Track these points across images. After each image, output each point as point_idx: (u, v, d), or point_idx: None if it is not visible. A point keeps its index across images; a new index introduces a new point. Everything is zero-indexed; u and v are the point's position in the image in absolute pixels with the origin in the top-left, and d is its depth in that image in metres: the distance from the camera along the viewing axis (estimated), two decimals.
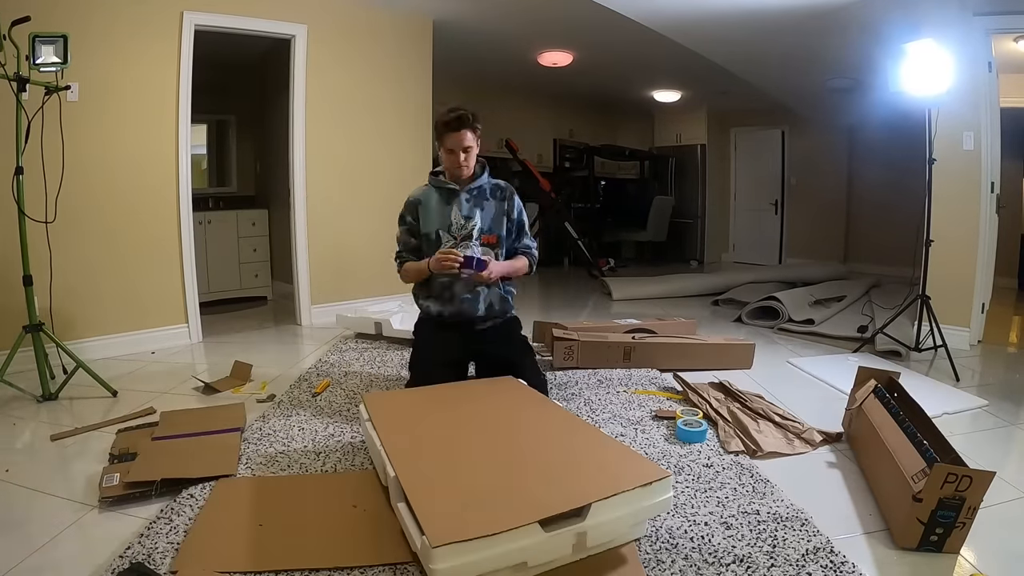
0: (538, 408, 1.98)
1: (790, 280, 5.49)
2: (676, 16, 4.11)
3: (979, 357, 3.40)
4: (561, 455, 1.64)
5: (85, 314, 3.23)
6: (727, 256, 8.42)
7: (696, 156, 8.23)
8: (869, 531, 1.62)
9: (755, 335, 3.86)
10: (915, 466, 1.58)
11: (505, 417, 1.89)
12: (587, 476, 1.50)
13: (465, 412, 1.93)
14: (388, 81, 4.44)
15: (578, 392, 2.69)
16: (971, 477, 1.43)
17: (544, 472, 1.54)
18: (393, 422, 1.85)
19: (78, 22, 3.06)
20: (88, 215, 3.24)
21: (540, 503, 1.35)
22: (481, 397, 2.08)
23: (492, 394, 2.09)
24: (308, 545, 1.50)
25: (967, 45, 3.33)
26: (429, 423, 1.86)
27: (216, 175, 5.45)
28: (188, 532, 1.55)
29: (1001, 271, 4.20)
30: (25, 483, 1.85)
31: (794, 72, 5.43)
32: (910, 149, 4.36)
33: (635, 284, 5.59)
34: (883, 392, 2.09)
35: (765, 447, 2.09)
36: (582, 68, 5.98)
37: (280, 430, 2.25)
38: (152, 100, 3.43)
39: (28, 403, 2.59)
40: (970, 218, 3.45)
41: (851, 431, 2.20)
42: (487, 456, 1.63)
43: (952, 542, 1.49)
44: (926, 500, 1.46)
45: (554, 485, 1.45)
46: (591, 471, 1.53)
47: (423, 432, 1.78)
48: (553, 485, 1.45)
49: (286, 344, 3.74)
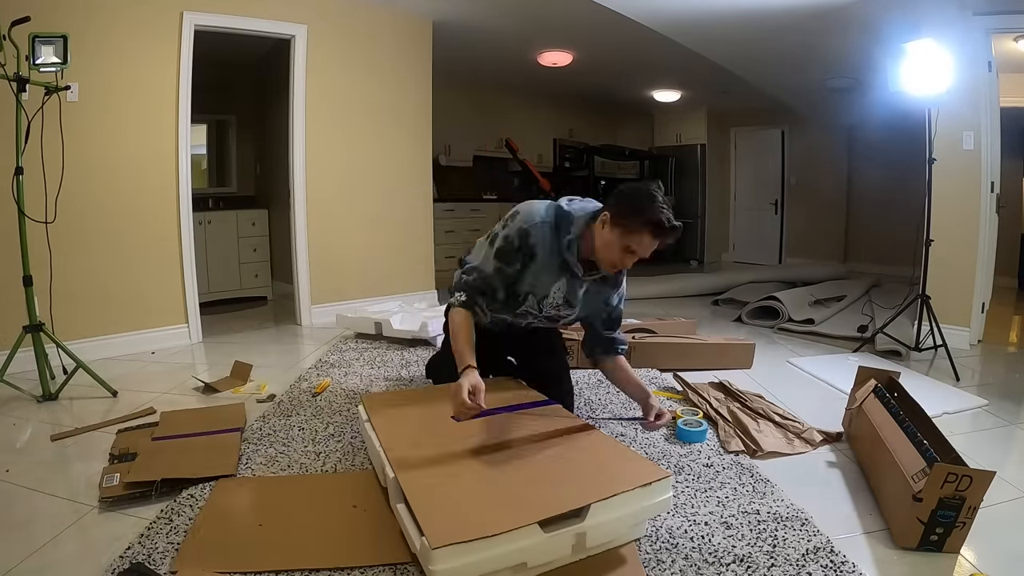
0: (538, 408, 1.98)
1: (790, 280, 5.49)
2: (676, 15, 4.11)
3: (979, 357, 3.40)
4: (561, 456, 1.64)
5: (85, 314, 3.23)
6: (727, 256, 8.42)
7: (696, 156, 8.23)
8: (869, 531, 1.62)
9: (755, 335, 3.86)
10: (915, 466, 1.58)
11: (504, 417, 1.89)
12: (586, 476, 1.50)
13: None
14: (388, 81, 4.44)
15: (578, 392, 2.69)
16: (971, 477, 1.43)
17: (543, 473, 1.53)
18: (392, 423, 1.85)
19: (78, 22, 3.06)
20: (88, 215, 3.24)
21: (539, 504, 1.35)
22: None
23: (492, 394, 2.09)
24: (308, 545, 1.50)
25: (967, 45, 3.33)
26: (428, 424, 1.85)
27: (216, 175, 5.45)
28: (188, 532, 1.55)
29: (1001, 271, 4.20)
30: (25, 483, 1.85)
31: (794, 71, 5.43)
32: (910, 149, 4.36)
33: (635, 284, 5.57)
34: (883, 392, 2.09)
35: (765, 447, 2.09)
36: (582, 68, 5.98)
37: (280, 430, 2.25)
38: (152, 100, 3.43)
39: (28, 403, 2.59)
40: (970, 218, 3.45)
41: (851, 431, 2.20)
42: (486, 457, 1.62)
43: (952, 542, 1.49)
44: (926, 500, 1.46)
45: (553, 486, 1.45)
46: (591, 471, 1.53)
47: (422, 433, 1.78)
48: (552, 486, 1.45)
49: (286, 344, 3.74)
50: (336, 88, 4.18)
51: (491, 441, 1.72)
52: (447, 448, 1.67)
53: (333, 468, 1.94)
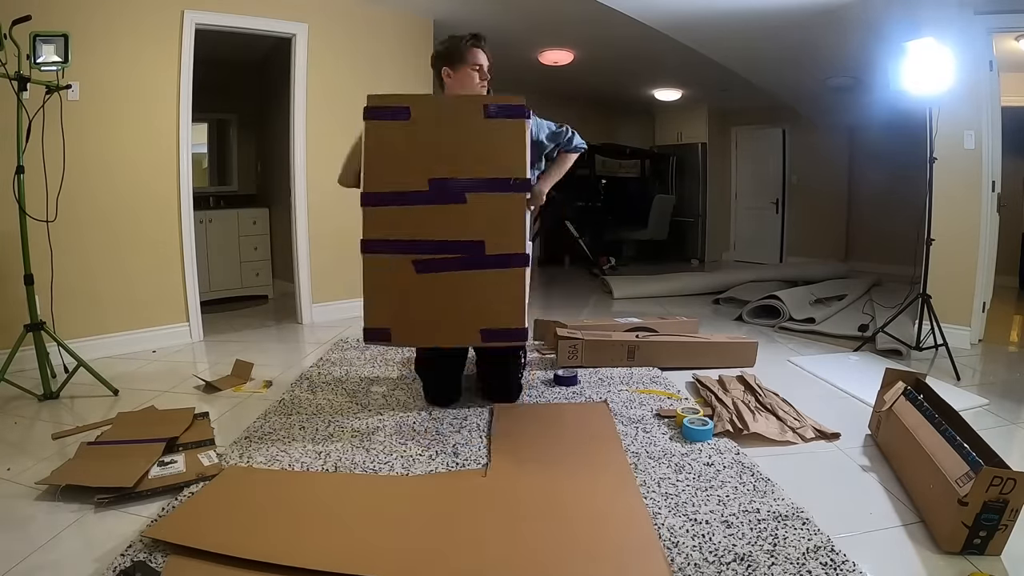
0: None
1: (791, 279, 5.49)
2: (677, 14, 4.10)
3: (980, 356, 3.40)
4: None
5: (86, 313, 3.24)
6: (728, 255, 8.42)
7: (697, 154, 8.21)
8: (868, 530, 1.62)
9: (756, 334, 3.86)
10: (958, 470, 1.58)
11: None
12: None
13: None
14: (389, 80, 4.44)
15: (579, 391, 2.69)
16: (1015, 479, 1.43)
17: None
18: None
19: (79, 21, 3.05)
20: (89, 214, 3.24)
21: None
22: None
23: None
24: (298, 543, 1.50)
25: (968, 44, 3.32)
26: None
27: (217, 174, 5.45)
28: (177, 507, 1.58)
29: (1002, 270, 4.19)
30: (26, 482, 1.85)
31: (794, 70, 5.42)
32: (911, 148, 4.35)
33: (636, 283, 5.58)
34: (913, 394, 2.08)
35: (752, 428, 2.14)
36: (582, 67, 5.97)
37: (281, 429, 2.25)
38: (153, 99, 3.43)
39: (29, 402, 2.59)
40: (971, 217, 3.45)
41: (880, 434, 2.18)
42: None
43: (995, 544, 1.49)
44: (972, 504, 1.46)
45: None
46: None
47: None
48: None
49: (287, 343, 3.74)
50: (337, 87, 4.17)
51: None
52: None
53: (334, 467, 1.94)
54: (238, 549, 1.42)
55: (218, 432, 2.23)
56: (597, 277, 6.39)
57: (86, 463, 1.93)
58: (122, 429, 2.21)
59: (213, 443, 2.12)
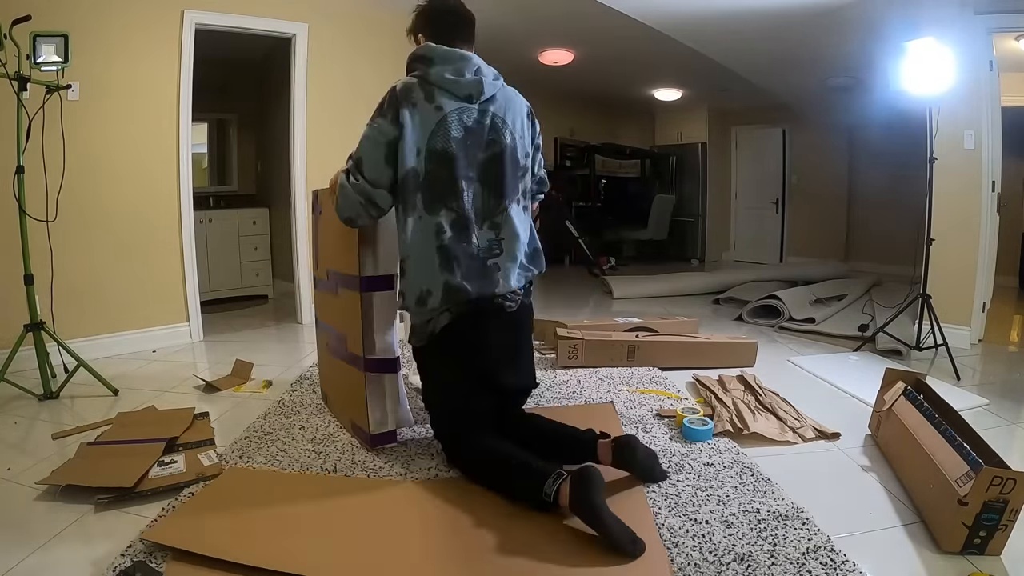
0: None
1: (791, 279, 5.49)
2: (677, 14, 4.10)
3: (980, 356, 3.40)
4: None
5: (86, 313, 3.24)
6: (728, 255, 8.42)
7: (697, 154, 8.22)
8: (868, 530, 1.62)
9: (756, 334, 3.86)
10: (958, 470, 1.58)
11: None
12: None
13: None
14: (389, 80, 4.37)
15: (580, 391, 2.69)
16: (1015, 479, 1.43)
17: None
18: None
19: (79, 21, 3.06)
20: (89, 214, 3.24)
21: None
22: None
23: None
24: (292, 548, 1.49)
25: (968, 44, 3.32)
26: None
27: (217, 174, 5.45)
28: (176, 508, 1.59)
29: (1002, 270, 4.19)
30: (26, 482, 1.85)
31: (794, 70, 5.42)
32: (911, 148, 4.35)
33: (636, 283, 5.58)
34: (913, 394, 2.08)
35: (752, 428, 2.13)
36: (583, 67, 5.97)
37: (281, 428, 2.25)
38: (153, 99, 3.44)
39: (29, 402, 2.59)
40: (971, 217, 3.45)
41: (880, 434, 2.18)
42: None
43: (995, 544, 1.49)
44: (972, 504, 1.46)
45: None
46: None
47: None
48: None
49: (287, 343, 3.74)
50: (337, 87, 4.17)
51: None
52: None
53: (333, 467, 1.94)
54: (236, 554, 1.42)
55: (218, 432, 2.23)
56: (597, 277, 6.39)
57: (86, 463, 1.93)
58: (122, 429, 2.21)
59: (213, 443, 2.12)
